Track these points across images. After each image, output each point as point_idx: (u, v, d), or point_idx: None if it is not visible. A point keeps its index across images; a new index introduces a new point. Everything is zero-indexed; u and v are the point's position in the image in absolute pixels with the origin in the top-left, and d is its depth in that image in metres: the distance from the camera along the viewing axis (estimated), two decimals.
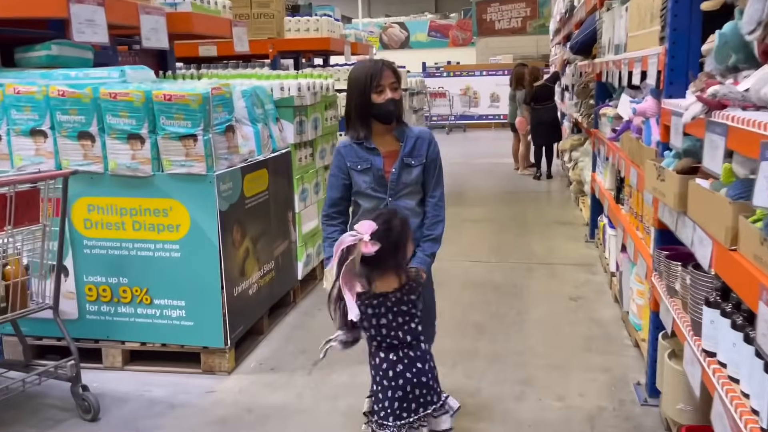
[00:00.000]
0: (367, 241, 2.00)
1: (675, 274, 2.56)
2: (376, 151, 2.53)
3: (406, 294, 2.12)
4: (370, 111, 2.47)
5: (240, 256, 3.49)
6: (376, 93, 2.45)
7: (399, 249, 2.11)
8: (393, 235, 2.08)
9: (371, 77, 2.45)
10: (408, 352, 2.14)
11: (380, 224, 2.06)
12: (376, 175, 2.52)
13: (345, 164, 2.52)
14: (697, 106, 2.09)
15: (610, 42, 4.68)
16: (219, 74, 4.64)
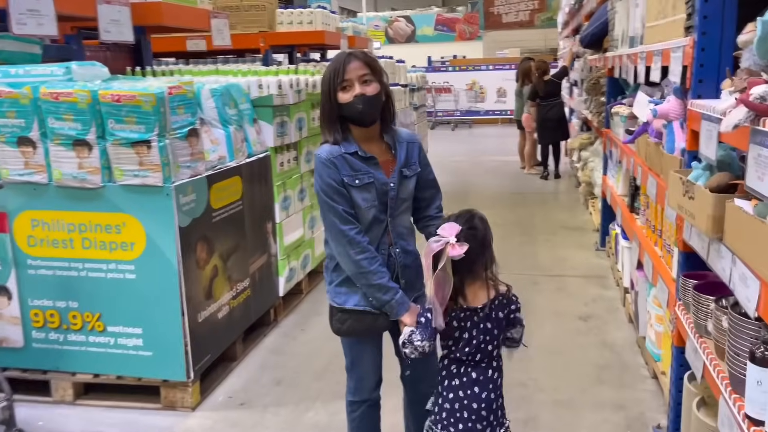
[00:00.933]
0: (454, 243, 1.79)
1: (706, 310, 2.15)
2: (374, 161, 2.09)
3: (494, 310, 1.92)
4: (338, 112, 2.05)
5: (206, 276, 3.10)
6: (342, 90, 2.02)
7: (486, 248, 1.91)
8: (479, 234, 1.88)
9: (334, 72, 2.02)
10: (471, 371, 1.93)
11: (463, 224, 1.86)
12: (380, 190, 2.08)
13: (341, 178, 2.04)
14: (740, 111, 1.67)
15: (623, 34, 4.25)
16: (192, 71, 4.25)
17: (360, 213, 2.07)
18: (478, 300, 1.90)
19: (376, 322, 2.12)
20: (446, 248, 1.79)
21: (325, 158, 2.04)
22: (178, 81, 2.98)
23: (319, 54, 8.48)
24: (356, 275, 2.05)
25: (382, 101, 2.09)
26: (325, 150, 2.07)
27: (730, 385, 1.84)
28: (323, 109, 2.09)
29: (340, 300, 2.15)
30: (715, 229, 1.94)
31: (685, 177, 2.25)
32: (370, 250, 2.04)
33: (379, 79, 2.07)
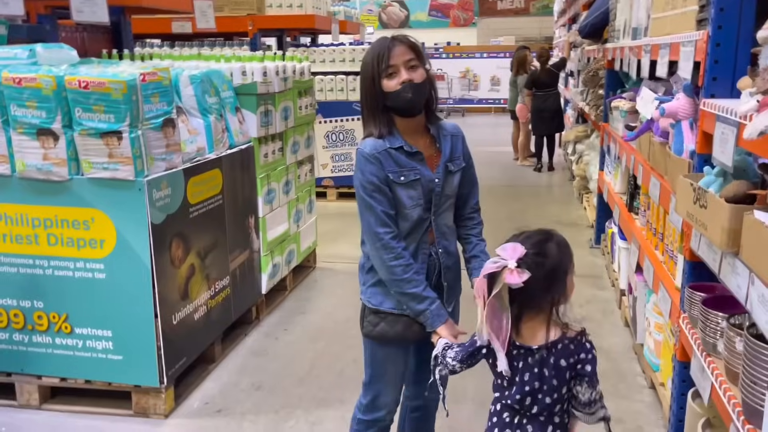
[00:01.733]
0: (513, 269, 1.52)
1: (716, 328, 1.99)
2: (420, 156, 1.93)
3: (555, 355, 1.59)
4: (383, 102, 1.88)
5: (182, 275, 2.91)
6: (387, 77, 1.85)
7: (555, 282, 1.59)
8: (548, 263, 1.57)
9: (378, 58, 1.85)
10: (527, 424, 1.64)
11: (529, 247, 1.57)
12: (426, 188, 1.92)
13: (384, 174, 1.88)
14: (766, 116, 1.51)
15: (626, 24, 4.07)
16: (173, 55, 4.03)
17: (404, 212, 1.92)
18: (535, 339, 1.60)
19: (410, 328, 1.96)
20: (503, 273, 1.53)
21: (369, 153, 1.88)
22: (153, 67, 2.78)
23: (310, 38, 8.26)
24: (390, 281, 1.91)
25: (428, 88, 1.92)
26: (368, 144, 1.90)
27: (743, 414, 1.69)
28: (365, 99, 1.92)
29: (377, 301, 1.98)
30: (730, 243, 1.78)
31: (696, 183, 2.09)
32: (405, 257, 1.89)
33: (425, 66, 1.91)
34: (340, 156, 6.89)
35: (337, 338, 3.60)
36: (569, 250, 1.65)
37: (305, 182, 4.49)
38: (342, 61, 6.87)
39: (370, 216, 1.90)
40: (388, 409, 2.08)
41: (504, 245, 1.57)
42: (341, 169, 6.91)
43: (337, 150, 6.88)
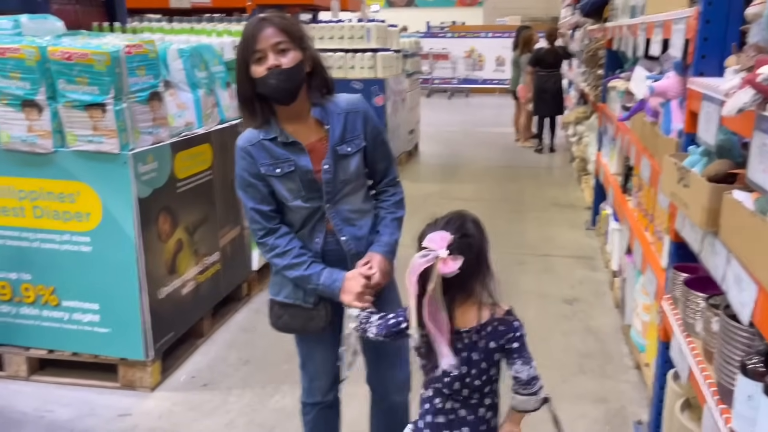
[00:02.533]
0: (446, 257, 1.45)
1: (696, 309, 1.98)
2: (298, 146, 1.80)
3: (484, 338, 1.55)
4: (254, 90, 1.75)
5: (169, 250, 2.92)
6: (256, 63, 1.72)
7: (484, 260, 1.54)
8: (474, 242, 1.51)
9: (244, 42, 1.73)
10: (459, 409, 1.60)
11: (454, 231, 1.50)
12: (304, 179, 1.80)
13: (258, 169, 1.79)
14: (746, 93, 1.47)
15: (624, 2, 4.01)
16: (164, 29, 3.99)
17: (288, 205, 1.83)
18: (465, 322, 1.55)
19: (311, 321, 1.90)
20: (436, 264, 1.44)
21: (241, 146, 1.80)
22: (139, 39, 2.75)
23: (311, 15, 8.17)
24: (280, 273, 1.89)
25: (304, 72, 1.77)
26: (244, 137, 1.82)
27: (718, 394, 1.69)
28: (238, 88, 1.80)
29: (274, 291, 1.97)
30: (709, 222, 1.76)
31: (680, 162, 2.06)
32: (280, 246, 1.82)
33: (300, 46, 1.75)
34: None
35: None
36: (482, 226, 1.58)
37: None
38: (341, 38, 6.81)
39: (245, 212, 1.87)
40: (324, 389, 2.04)
41: (430, 236, 1.48)
42: None
43: None
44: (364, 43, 6.75)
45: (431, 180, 7.07)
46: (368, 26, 6.79)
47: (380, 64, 6.68)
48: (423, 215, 1.68)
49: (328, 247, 1.88)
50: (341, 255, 1.89)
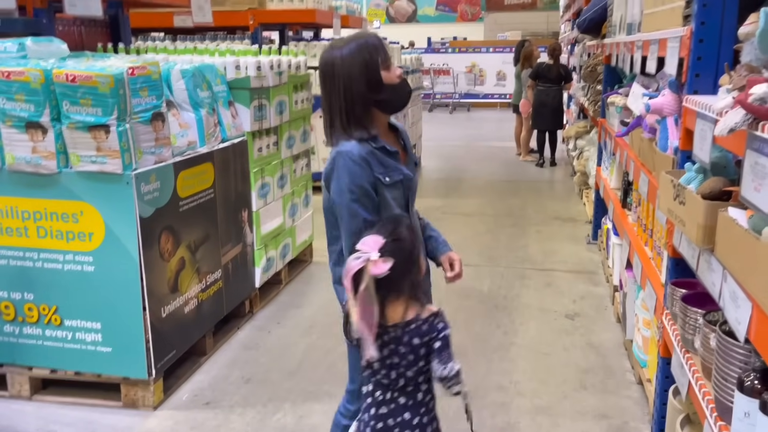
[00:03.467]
0: (376, 260, 1.59)
1: (694, 324, 1.99)
2: (398, 155, 1.91)
3: (409, 334, 1.67)
4: (378, 97, 1.83)
5: (171, 268, 2.94)
6: (385, 69, 1.83)
7: (413, 262, 1.71)
8: (405, 246, 1.67)
9: (374, 50, 1.81)
10: (399, 397, 1.72)
11: (387, 236, 1.65)
12: (406, 187, 1.91)
13: (372, 178, 1.82)
14: (737, 113, 1.50)
15: (621, 20, 4.05)
16: (168, 49, 4.05)
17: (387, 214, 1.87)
18: (393, 318, 1.68)
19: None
20: (368, 266, 1.58)
21: (357, 155, 1.80)
22: (143, 61, 2.79)
23: (312, 33, 8.26)
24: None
25: None
26: (354, 146, 1.82)
27: (716, 410, 1.70)
28: (355, 97, 1.82)
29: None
30: (705, 240, 1.78)
31: (676, 179, 2.08)
32: None
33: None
34: None
35: (329, 332, 3.62)
36: (415, 230, 1.76)
37: (301, 176, 4.50)
38: None
39: (351, 222, 1.82)
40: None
41: (363, 239, 1.63)
42: None
43: None
44: None
45: (434, 194, 7.09)
46: None
47: None
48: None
49: None
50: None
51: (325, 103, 1.89)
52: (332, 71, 1.84)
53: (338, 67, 1.83)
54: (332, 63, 1.84)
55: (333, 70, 1.84)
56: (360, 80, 1.81)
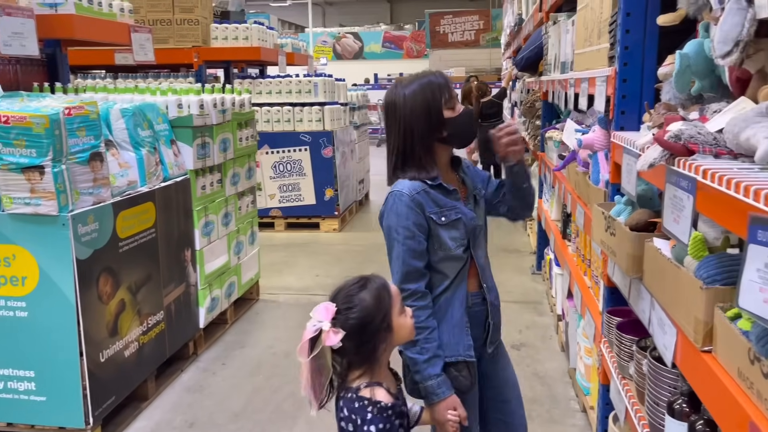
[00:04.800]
0: (328, 330, 1.47)
1: (629, 351, 2.06)
2: (456, 195, 1.85)
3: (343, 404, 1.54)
4: (441, 136, 1.82)
5: (110, 311, 2.85)
6: (447, 109, 1.81)
7: (369, 332, 1.52)
8: (357, 316, 1.50)
9: (438, 89, 1.80)
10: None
11: (340, 302, 1.52)
12: (469, 226, 1.84)
13: (424, 219, 1.77)
14: (655, 149, 1.59)
15: (556, 59, 4.23)
16: (108, 88, 4.00)
17: (449, 254, 1.80)
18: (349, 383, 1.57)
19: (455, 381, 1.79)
20: (321, 335, 1.48)
21: (408, 194, 1.76)
22: (80, 101, 2.75)
23: (258, 70, 8.29)
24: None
25: None
26: (406, 185, 1.78)
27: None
28: (415, 139, 1.80)
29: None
30: (634, 269, 1.86)
31: (607, 212, 2.17)
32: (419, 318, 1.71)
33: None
34: (287, 186, 6.89)
35: (276, 372, 3.56)
36: (388, 291, 1.57)
37: (247, 213, 4.47)
38: (289, 92, 6.92)
39: (397, 265, 1.77)
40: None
41: (317, 307, 1.51)
42: (289, 200, 6.90)
43: (284, 180, 6.88)
44: (311, 97, 6.88)
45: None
46: (315, 80, 6.93)
47: (328, 117, 6.80)
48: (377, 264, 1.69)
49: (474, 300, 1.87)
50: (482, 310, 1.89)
51: (388, 142, 1.88)
52: (394, 111, 1.83)
53: (400, 107, 1.82)
54: (394, 103, 1.83)
55: (395, 111, 1.83)
56: (421, 121, 1.80)
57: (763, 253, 1.04)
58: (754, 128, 1.31)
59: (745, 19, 1.40)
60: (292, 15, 25.08)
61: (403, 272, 1.76)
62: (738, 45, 1.42)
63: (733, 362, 1.22)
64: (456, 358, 1.81)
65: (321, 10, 25.54)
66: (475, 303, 1.88)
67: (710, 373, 1.29)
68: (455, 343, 1.81)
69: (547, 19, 4.71)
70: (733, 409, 1.17)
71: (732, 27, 1.42)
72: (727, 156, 1.41)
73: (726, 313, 1.30)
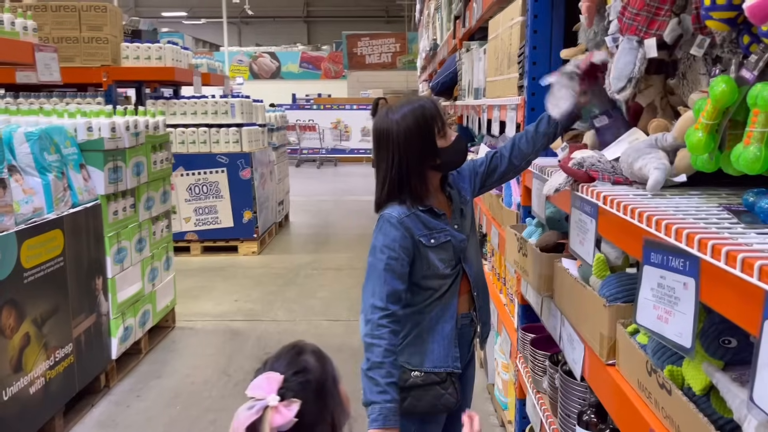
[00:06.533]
0: (277, 404, 1.14)
1: (542, 366, 2.16)
2: (445, 218, 1.89)
3: None
4: (433, 164, 1.85)
5: (14, 346, 2.69)
6: (441, 138, 1.84)
7: (328, 396, 1.24)
8: (313, 377, 1.22)
9: (431, 118, 1.82)
10: None
11: (285, 369, 1.20)
12: (458, 248, 1.88)
13: (413, 241, 1.80)
14: (560, 175, 1.70)
15: (470, 85, 4.41)
16: (10, 110, 3.79)
17: (438, 273, 1.84)
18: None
19: (441, 399, 1.84)
20: (266, 415, 1.13)
21: (397, 217, 1.80)
22: None
23: (172, 90, 8.11)
24: (366, 344, 1.73)
25: None
26: (395, 209, 1.82)
27: None
28: (410, 169, 1.82)
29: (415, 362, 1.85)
30: (545, 288, 1.96)
31: (519, 233, 2.28)
32: (389, 341, 1.72)
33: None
34: (204, 209, 6.73)
35: (194, 402, 3.46)
36: (324, 354, 1.31)
37: (161, 239, 4.34)
38: (204, 113, 6.80)
39: (376, 285, 1.76)
40: None
41: (252, 383, 1.18)
42: (205, 222, 6.74)
43: (200, 203, 6.72)
44: (228, 118, 6.79)
45: (303, 251, 7.10)
46: (232, 101, 6.85)
47: (245, 138, 6.73)
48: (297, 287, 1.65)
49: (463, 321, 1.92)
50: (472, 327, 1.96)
51: (377, 169, 1.88)
52: (387, 141, 1.84)
53: (393, 137, 1.82)
54: (387, 131, 1.83)
55: (388, 140, 1.83)
56: (415, 152, 1.82)
57: (656, 274, 1.14)
58: (645, 159, 1.44)
59: (636, 58, 1.54)
60: (206, 33, 24.69)
61: (387, 292, 1.76)
62: (631, 81, 1.55)
63: (634, 374, 1.31)
64: (445, 369, 1.86)
65: (237, 29, 25.29)
66: (464, 325, 1.93)
67: (614, 385, 1.38)
68: (444, 355, 1.86)
69: (460, 47, 4.90)
70: (634, 418, 1.26)
71: (625, 65, 1.55)
72: (623, 183, 1.53)
73: (627, 328, 1.40)
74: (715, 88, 1.16)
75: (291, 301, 5.18)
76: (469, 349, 1.99)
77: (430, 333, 1.85)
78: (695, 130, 1.22)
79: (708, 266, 0.95)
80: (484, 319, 2.03)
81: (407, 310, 1.84)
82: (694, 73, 1.52)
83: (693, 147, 1.23)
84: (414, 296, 1.85)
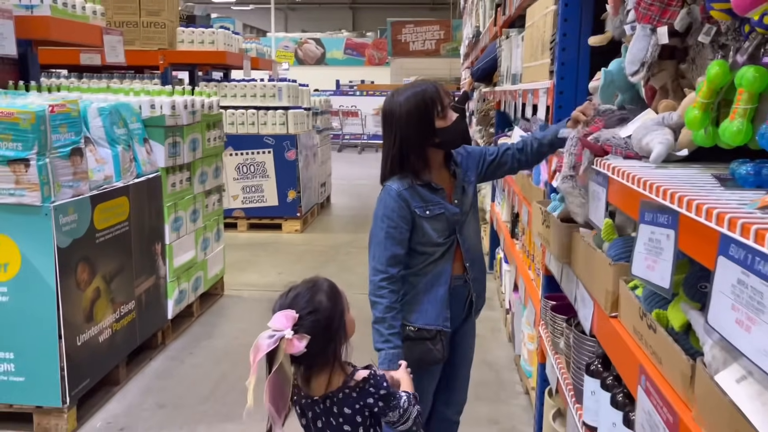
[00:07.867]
0: (291, 338, 1.46)
1: (559, 329, 2.36)
2: (443, 193, 2.10)
3: (339, 403, 1.56)
4: (432, 143, 2.05)
5: (87, 298, 3.02)
6: (441, 119, 2.04)
7: (334, 332, 1.56)
8: (322, 316, 1.53)
9: (431, 101, 2.01)
10: None
11: (301, 308, 1.52)
12: (450, 220, 2.10)
13: (410, 211, 2.03)
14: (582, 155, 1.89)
15: (508, 71, 4.56)
16: (81, 87, 4.14)
17: (432, 241, 2.06)
18: (320, 389, 1.58)
19: (429, 353, 2.09)
20: (281, 344, 1.44)
21: (396, 190, 2.03)
22: (62, 99, 2.92)
23: (222, 74, 8.45)
24: (371, 302, 2.01)
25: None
26: (396, 183, 2.05)
27: (575, 397, 2.04)
28: (410, 146, 2.03)
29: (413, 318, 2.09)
30: (564, 256, 2.15)
31: (544, 207, 2.47)
32: (390, 299, 1.98)
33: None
34: (250, 188, 7.06)
35: (242, 361, 3.73)
36: (338, 290, 1.61)
37: (213, 211, 4.65)
38: (253, 96, 7.11)
39: (377, 250, 2.02)
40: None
41: (274, 317, 1.49)
42: (252, 201, 7.07)
43: (248, 182, 7.05)
44: (275, 101, 7.09)
45: (343, 230, 7.37)
46: (280, 85, 7.14)
47: (291, 121, 7.02)
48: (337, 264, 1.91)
49: (456, 282, 2.14)
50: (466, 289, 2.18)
51: (383, 146, 2.11)
52: (390, 120, 2.06)
53: (395, 116, 2.05)
54: (391, 111, 2.06)
55: (391, 119, 2.06)
56: (414, 131, 2.02)
57: (648, 230, 1.33)
58: (651, 135, 1.62)
59: (649, 45, 1.71)
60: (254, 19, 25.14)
61: (387, 257, 2.01)
62: (644, 65, 1.73)
63: (630, 322, 1.51)
64: (435, 327, 2.09)
65: (283, 15, 25.66)
66: (458, 285, 2.15)
67: (614, 332, 1.58)
68: (436, 315, 2.10)
69: (500, 34, 5.05)
70: (628, 358, 1.46)
71: (639, 51, 1.73)
72: (634, 158, 1.71)
73: (628, 284, 1.59)
74: (710, 71, 1.34)
75: (331, 275, 5.36)
76: (464, 308, 2.21)
77: (425, 294, 2.10)
78: (692, 108, 1.39)
79: (684, 219, 1.14)
80: (478, 292, 2.24)
81: (405, 271, 2.08)
82: (702, 59, 1.69)
83: (690, 123, 1.41)
84: (411, 260, 2.09)
